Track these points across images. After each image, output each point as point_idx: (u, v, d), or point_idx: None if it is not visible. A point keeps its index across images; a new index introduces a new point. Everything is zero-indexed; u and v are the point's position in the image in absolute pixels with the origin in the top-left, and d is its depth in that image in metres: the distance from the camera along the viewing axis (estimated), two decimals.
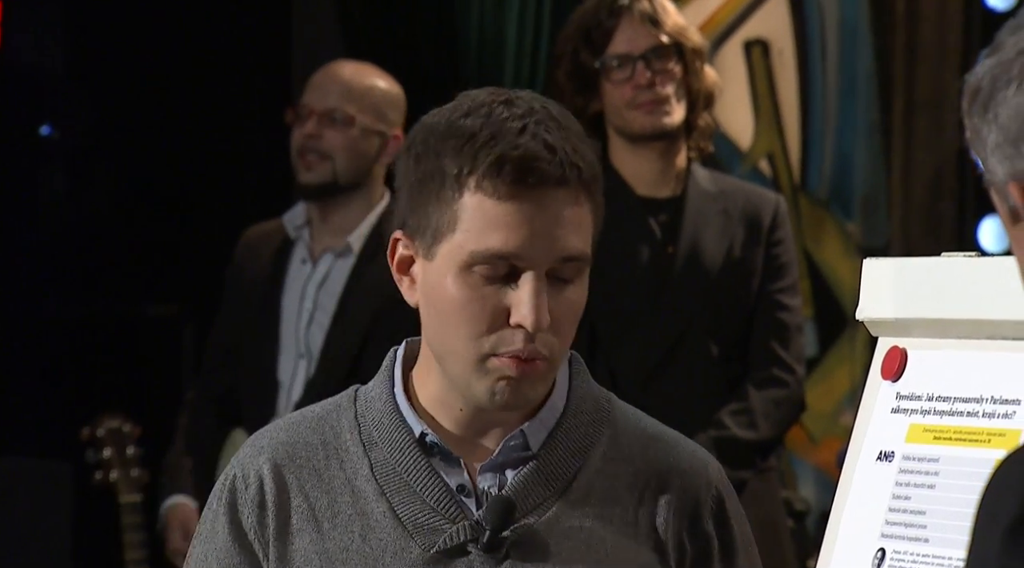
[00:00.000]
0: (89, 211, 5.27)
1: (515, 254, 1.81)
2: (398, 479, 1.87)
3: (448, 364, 1.86)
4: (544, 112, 1.84)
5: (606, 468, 1.88)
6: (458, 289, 1.83)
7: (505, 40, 4.65)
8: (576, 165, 1.82)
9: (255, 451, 1.91)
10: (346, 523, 1.86)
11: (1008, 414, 1.69)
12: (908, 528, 1.72)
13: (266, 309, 3.76)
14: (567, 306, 1.84)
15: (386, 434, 1.89)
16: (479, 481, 1.87)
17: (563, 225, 1.82)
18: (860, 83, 4.82)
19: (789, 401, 3.43)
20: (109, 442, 3.89)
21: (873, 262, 1.83)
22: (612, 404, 1.94)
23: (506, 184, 1.80)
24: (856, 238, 4.84)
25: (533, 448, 1.87)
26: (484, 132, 1.82)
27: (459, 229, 1.82)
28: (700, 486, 1.90)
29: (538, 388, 1.85)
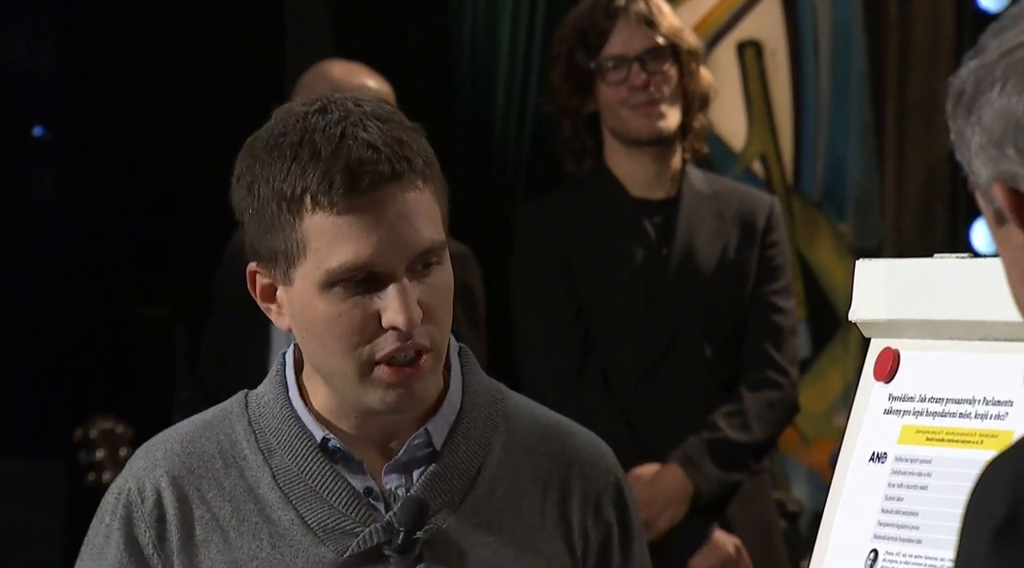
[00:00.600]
0: (81, 212, 5.26)
1: (370, 263, 1.80)
2: (303, 485, 1.85)
3: (335, 382, 1.84)
4: (359, 112, 1.82)
5: (508, 460, 1.88)
6: (324, 307, 1.82)
7: (498, 40, 4.64)
8: (405, 157, 1.81)
9: (150, 464, 1.87)
10: (253, 531, 1.84)
11: (1000, 415, 1.69)
12: (901, 529, 1.72)
13: (256, 309, 3.76)
14: (436, 293, 1.84)
15: (285, 441, 1.87)
16: (385, 482, 1.86)
17: (409, 219, 1.81)
18: (853, 84, 4.82)
19: (783, 403, 3.43)
20: (102, 443, 3.89)
21: (866, 263, 1.83)
22: (504, 395, 1.94)
23: (340, 196, 1.79)
24: (849, 239, 4.84)
25: (437, 445, 1.87)
26: (305, 149, 1.80)
27: (309, 251, 1.81)
28: (600, 474, 1.91)
29: (429, 385, 1.84)
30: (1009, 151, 1.27)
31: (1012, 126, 1.26)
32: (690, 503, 3.38)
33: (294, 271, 1.84)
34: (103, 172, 5.28)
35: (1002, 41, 1.28)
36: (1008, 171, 1.27)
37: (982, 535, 1.21)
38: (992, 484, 1.23)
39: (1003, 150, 1.27)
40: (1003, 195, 1.28)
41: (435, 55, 4.70)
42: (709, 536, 3.41)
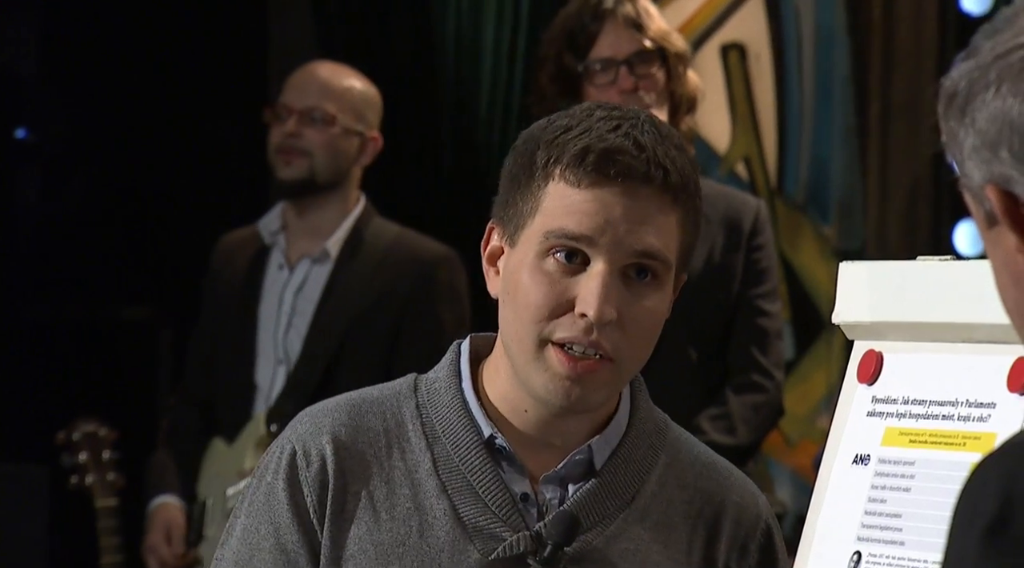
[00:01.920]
0: (65, 214, 5.26)
1: (588, 237, 1.80)
2: (461, 478, 1.84)
3: (513, 352, 1.84)
4: (645, 117, 1.84)
5: (662, 492, 1.88)
6: (531, 275, 1.82)
7: (482, 41, 4.64)
8: (663, 166, 1.81)
9: (316, 429, 1.85)
10: (404, 516, 1.83)
11: (983, 417, 1.69)
12: (884, 531, 1.72)
13: (244, 315, 3.76)
14: (642, 311, 1.82)
15: (451, 430, 1.85)
16: (541, 491, 1.85)
17: (642, 222, 1.81)
18: (836, 87, 4.83)
19: (768, 406, 3.44)
20: (85, 446, 3.88)
21: (849, 266, 1.83)
22: (668, 427, 1.93)
23: (587, 174, 1.81)
24: (832, 242, 4.85)
25: (597, 464, 1.86)
26: (578, 127, 1.83)
27: (539, 214, 1.83)
28: (752, 518, 1.91)
29: (600, 391, 1.83)
30: (1003, 153, 1.27)
31: (1006, 128, 1.27)
32: None
33: (521, 233, 1.84)
34: (87, 174, 5.27)
35: (996, 43, 1.28)
36: (1001, 173, 1.28)
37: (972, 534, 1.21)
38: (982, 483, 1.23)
39: (997, 152, 1.27)
40: (996, 197, 1.28)
41: (419, 56, 4.70)
42: None
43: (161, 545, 3.71)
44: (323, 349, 3.66)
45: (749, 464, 3.51)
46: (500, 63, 4.64)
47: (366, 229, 3.75)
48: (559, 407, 1.82)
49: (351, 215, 3.76)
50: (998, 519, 1.20)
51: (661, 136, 1.83)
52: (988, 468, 1.24)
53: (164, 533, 3.72)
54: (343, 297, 3.68)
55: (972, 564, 1.20)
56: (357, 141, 3.74)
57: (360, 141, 3.74)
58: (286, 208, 3.79)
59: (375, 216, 3.77)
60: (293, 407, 3.64)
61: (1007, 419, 1.67)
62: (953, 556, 1.22)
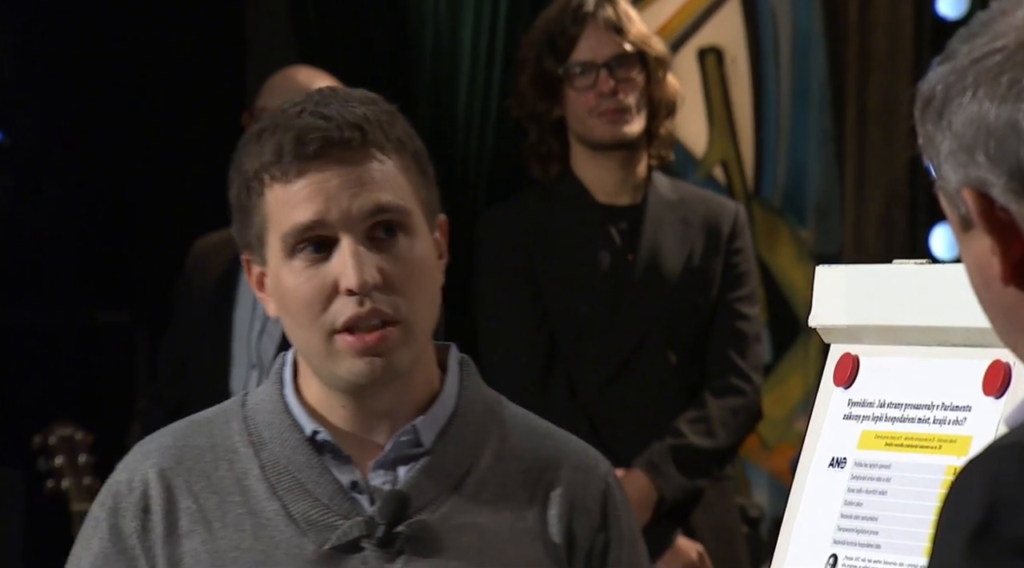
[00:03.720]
0: (41, 218, 5.24)
1: (318, 221, 1.82)
2: (289, 478, 1.86)
3: (310, 359, 1.87)
4: (328, 91, 1.87)
5: (497, 466, 1.89)
6: (289, 279, 1.84)
7: (460, 44, 4.64)
8: (357, 126, 1.83)
9: (141, 456, 1.91)
10: (236, 522, 1.86)
11: (959, 420, 1.69)
12: (860, 534, 1.72)
13: (217, 319, 3.75)
14: (400, 263, 1.84)
15: (276, 434, 1.89)
16: (371, 478, 1.87)
17: (361, 183, 1.82)
18: (813, 91, 4.84)
19: (746, 410, 3.44)
20: (61, 450, 3.87)
21: (825, 269, 1.84)
22: (502, 405, 1.95)
23: (290, 164, 1.82)
24: (809, 245, 4.86)
25: (425, 444, 1.88)
26: (267, 130, 1.85)
27: (271, 224, 1.84)
28: (590, 481, 1.91)
29: (400, 355, 1.84)
30: (979, 157, 1.27)
31: (983, 132, 1.27)
32: (654, 509, 3.38)
33: (266, 249, 1.86)
34: (62, 177, 5.25)
35: (972, 47, 1.29)
36: (978, 177, 1.28)
37: (957, 538, 1.21)
38: (967, 487, 1.22)
39: (973, 156, 1.28)
40: (972, 200, 1.29)
41: (397, 59, 4.70)
42: (672, 542, 3.42)
43: None
44: None
45: (728, 467, 3.52)
46: (478, 66, 4.64)
47: None
48: (368, 384, 1.84)
49: None
50: (983, 523, 1.20)
51: (343, 100, 1.85)
52: (973, 472, 1.24)
53: None
54: None
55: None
56: None
57: None
58: None
59: None
60: None
61: (983, 422, 1.68)
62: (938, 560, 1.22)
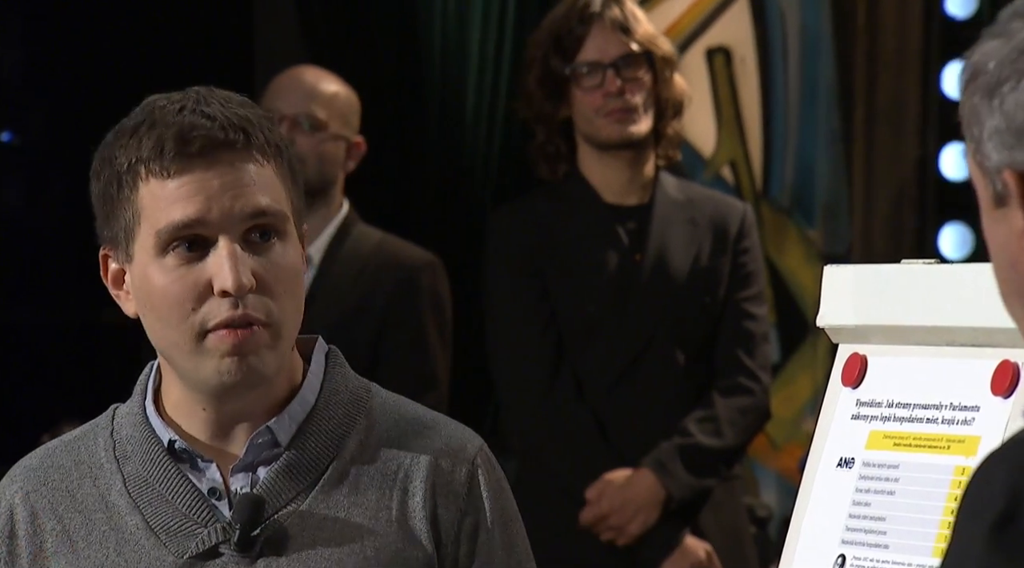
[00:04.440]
0: (49, 217, 5.24)
1: (197, 220, 1.81)
2: (151, 490, 1.86)
3: (174, 358, 1.86)
4: (205, 91, 1.86)
5: (361, 456, 1.88)
6: (159, 277, 1.83)
7: (468, 45, 4.64)
8: (241, 128, 1.83)
9: (8, 481, 1.91)
10: (100, 539, 1.85)
11: (967, 420, 1.69)
12: (868, 534, 1.72)
13: None
14: (274, 267, 1.83)
15: (137, 447, 1.88)
16: (232, 483, 1.86)
17: (243, 185, 1.82)
18: (821, 91, 4.84)
19: (754, 409, 3.44)
20: None
21: (833, 269, 1.83)
22: (371, 394, 1.92)
23: (171, 161, 1.82)
24: (818, 245, 4.85)
25: (282, 443, 1.86)
26: (144, 124, 1.84)
27: (143, 219, 1.84)
28: (455, 464, 1.89)
29: (266, 359, 1.83)
30: None
31: None
32: (662, 508, 3.38)
33: (133, 245, 1.86)
34: (70, 177, 5.25)
35: None
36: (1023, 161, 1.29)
37: (979, 528, 1.21)
38: (989, 478, 1.23)
39: (1021, 139, 1.28)
40: (1014, 181, 1.29)
41: (405, 60, 4.70)
42: (680, 541, 3.42)
43: None
44: None
45: (736, 467, 3.51)
46: (486, 67, 4.63)
47: (349, 235, 3.74)
48: (233, 385, 1.83)
49: (334, 221, 3.75)
50: (1005, 513, 1.20)
51: (225, 101, 1.85)
52: (994, 463, 1.24)
53: None
54: (325, 303, 3.68)
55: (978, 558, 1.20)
56: (344, 146, 3.74)
57: (347, 146, 3.74)
58: None
59: (358, 222, 3.77)
60: None
61: (991, 422, 1.67)
62: (958, 550, 1.22)
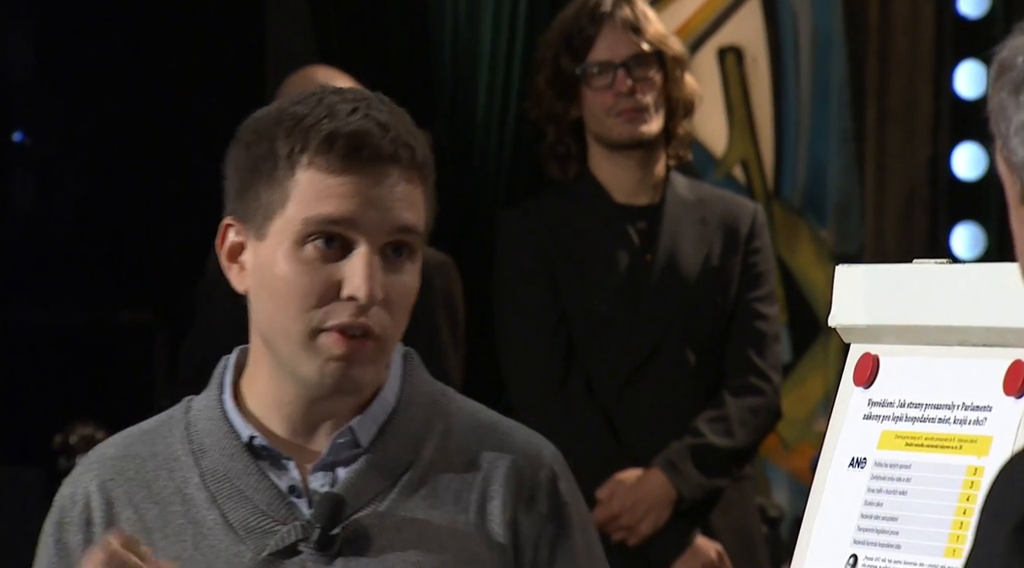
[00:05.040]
0: (61, 218, 5.25)
1: (348, 220, 1.82)
2: (229, 485, 1.86)
3: (278, 346, 1.86)
4: (375, 98, 1.87)
5: (440, 459, 1.88)
6: (290, 265, 1.83)
7: (479, 45, 4.64)
8: (408, 144, 1.85)
9: (84, 469, 1.92)
10: (177, 532, 1.86)
11: (979, 420, 1.69)
12: (880, 534, 1.72)
13: (239, 320, 3.75)
14: (401, 288, 1.85)
15: (215, 441, 1.89)
16: (311, 481, 1.87)
17: (397, 199, 1.84)
18: (833, 90, 4.83)
19: (765, 409, 3.44)
20: (81, 449, 3.88)
21: (845, 269, 1.83)
22: (449, 398, 1.94)
23: (338, 158, 1.82)
24: (829, 245, 4.85)
25: (363, 444, 1.87)
26: (315, 113, 1.84)
27: (291, 203, 1.83)
28: (533, 469, 1.90)
29: (368, 371, 1.84)
30: None
31: None
32: (672, 508, 3.38)
33: (269, 225, 1.85)
34: (83, 177, 5.27)
35: None
36: None
37: (1000, 531, 1.20)
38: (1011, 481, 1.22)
39: None
40: None
41: (416, 60, 4.70)
42: (691, 542, 3.42)
43: None
44: None
45: (747, 467, 3.51)
46: (497, 67, 4.64)
47: None
48: (331, 389, 1.84)
49: None
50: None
51: (397, 114, 1.87)
52: (1017, 465, 1.24)
53: None
54: None
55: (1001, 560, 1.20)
56: None
57: None
58: None
59: None
60: None
61: (1003, 422, 1.67)
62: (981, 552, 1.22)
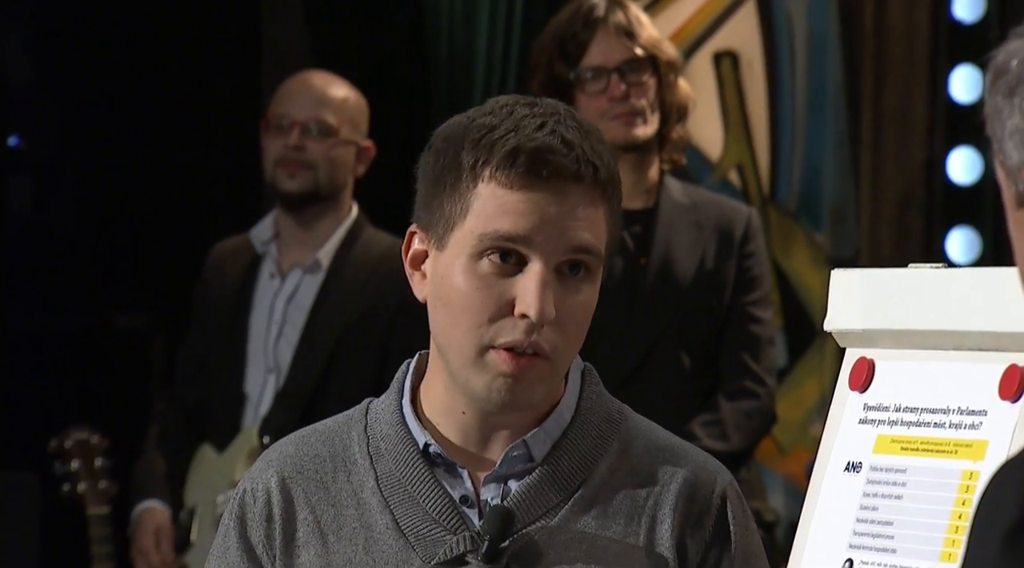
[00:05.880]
0: (58, 222, 5.25)
1: (524, 238, 1.81)
2: (402, 491, 1.86)
3: (450, 357, 1.85)
4: (566, 113, 1.85)
5: (612, 480, 1.87)
6: (466, 278, 1.83)
7: (475, 50, 4.65)
8: (592, 163, 1.83)
9: (265, 465, 1.91)
10: (351, 536, 1.85)
11: (975, 425, 1.69)
12: (875, 539, 1.72)
13: (235, 324, 3.76)
14: (576, 306, 1.83)
15: (391, 446, 1.88)
16: (483, 492, 1.86)
17: (576, 219, 1.82)
18: (829, 95, 4.84)
19: (760, 413, 3.44)
20: (77, 454, 3.88)
21: (841, 273, 1.84)
22: (624, 416, 1.92)
23: (520, 174, 1.81)
24: (825, 249, 4.86)
25: (536, 458, 1.86)
26: (503, 126, 1.83)
27: (471, 216, 1.82)
28: (705, 496, 1.88)
29: (537, 389, 1.83)
30: None
31: None
32: None
33: (450, 235, 1.84)
34: (79, 182, 5.26)
35: None
36: None
37: (993, 537, 1.21)
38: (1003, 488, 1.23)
39: None
40: None
41: (412, 64, 4.70)
42: None
43: (151, 550, 3.71)
44: (314, 359, 3.66)
45: (743, 472, 3.51)
46: (493, 71, 4.64)
47: (358, 239, 3.75)
48: (499, 406, 1.83)
49: (343, 225, 3.76)
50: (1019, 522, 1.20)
51: (585, 131, 1.85)
52: (1009, 472, 1.24)
53: (153, 538, 3.71)
54: (334, 307, 3.68)
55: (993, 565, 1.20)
56: (354, 151, 3.75)
57: (356, 150, 3.75)
58: (280, 217, 3.78)
59: (367, 226, 3.77)
60: (284, 417, 3.64)
61: (999, 426, 1.67)
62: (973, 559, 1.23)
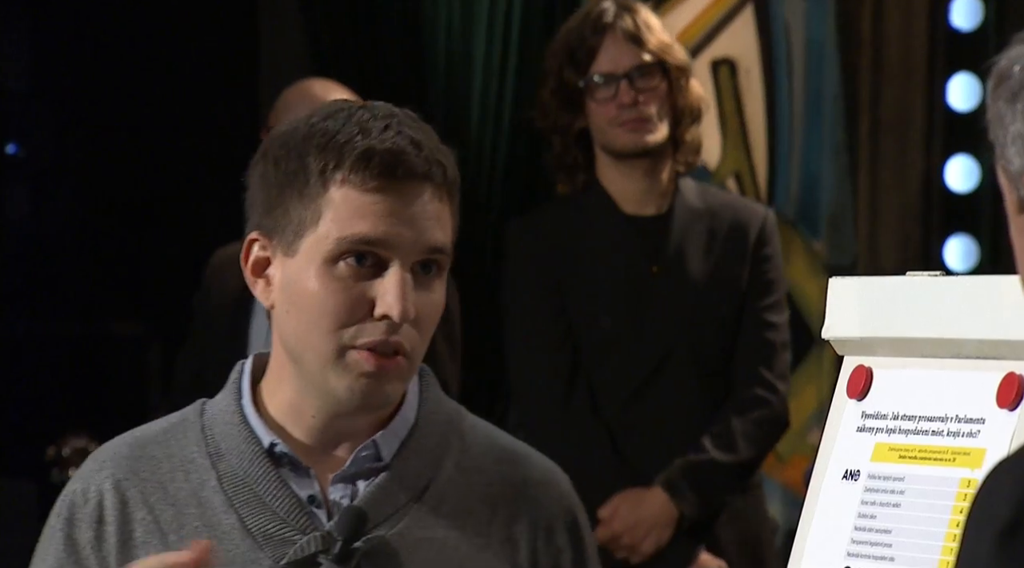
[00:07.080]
0: (54, 229, 5.25)
1: (382, 241, 1.82)
2: (247, 490, 1.85)
3: (306, 362, 1.84)
4: (404, 114, 1.87)
5: (459, 478, 1.88)
6: (322, 282, 1.83)
7: (473, 56, 4.65)
8: (440, 162, 1.85)
9: (96, 466, 1.90)
10: (193, 534, 1.84)
11: (973, 433, 1.69)
12: (873, 547, 1.72)
13: (235, 331, 3.76)
14: (430, 305, 1.85)
15: (234, 445, 1.87)
16: (330, 492, 1.86)
17: (429, 219, 1.84)
18: (826, 102, 4.84)
19: (771, 421, 3.42)
20: (75, 462, 3.87)
21: (839, 281, 1.83)
22: (462, 416, 1.94)
23: (373, 176, 1.82)
24: (823, 257, 4.85)
25: (385, 458, 1.87)
26: (346, 129, 1.83)
27: (323, 221, 1.82)
28: (553, 499, 1.90)
29: (398, 387, 1.85)
30: None
31: None
32: (674, 527, 3.36)
33: (300, 241, 1.84)
34: (76, 189, 5.26)
35: None
36: None
37: (986, 537, 1.21)
38: (997, 487, 1.23)
39: None
40: None
41: (410, 70, 4.70)
42: (695, 559, 3.40)
43: None
44: None
45: (756, 478, 3.50)
46: (491, 78, 4.64)
47: None
48: (359, 406, 1.83)
49: None
50: (1012, 522, 1.20)
51: (427, 131, 1.87)
52: (1002, 473, 1.24)
53: None
54: None
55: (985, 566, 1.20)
56: None
57: None
58: None
59: None
60: None
61: (997, 435, 1.67)
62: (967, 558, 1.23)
